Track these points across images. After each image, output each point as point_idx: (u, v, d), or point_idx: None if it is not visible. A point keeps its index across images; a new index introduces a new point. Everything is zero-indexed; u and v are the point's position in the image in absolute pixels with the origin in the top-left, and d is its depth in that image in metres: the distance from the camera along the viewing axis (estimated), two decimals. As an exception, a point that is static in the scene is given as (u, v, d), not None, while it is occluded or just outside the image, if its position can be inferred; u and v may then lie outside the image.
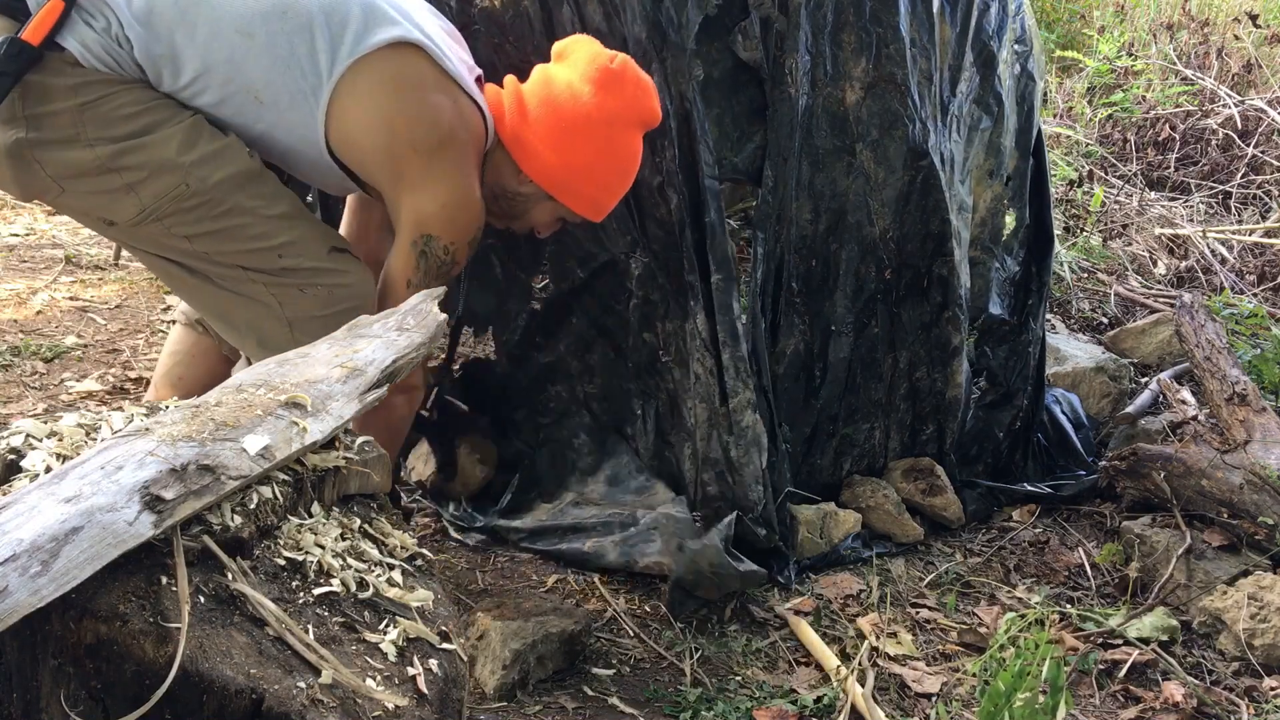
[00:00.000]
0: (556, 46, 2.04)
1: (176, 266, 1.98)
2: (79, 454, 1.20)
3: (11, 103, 1.76)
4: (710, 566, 2.15)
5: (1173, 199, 4.77)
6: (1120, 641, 2.17)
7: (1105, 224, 4.45)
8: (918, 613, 2.26)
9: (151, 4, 1.79)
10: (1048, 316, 3.18)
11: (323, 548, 1.35)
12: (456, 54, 1.99)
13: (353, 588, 1.33)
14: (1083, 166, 4.79)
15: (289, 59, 1.83)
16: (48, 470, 1.21)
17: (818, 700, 1.95)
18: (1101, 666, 2.10)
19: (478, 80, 2.03)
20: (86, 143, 1.80)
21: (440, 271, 1.97)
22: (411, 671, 1.29)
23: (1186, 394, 2.99)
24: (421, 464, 2.57)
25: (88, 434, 1.33)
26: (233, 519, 1.23)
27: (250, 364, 1.89)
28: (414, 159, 1.89)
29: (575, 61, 1.99)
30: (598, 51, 1.99)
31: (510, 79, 2.06)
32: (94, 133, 1.79)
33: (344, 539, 1.41)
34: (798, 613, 2.21)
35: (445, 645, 1.37)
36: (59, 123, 1.78)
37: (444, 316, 1.67)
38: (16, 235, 4.12)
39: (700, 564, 2.16)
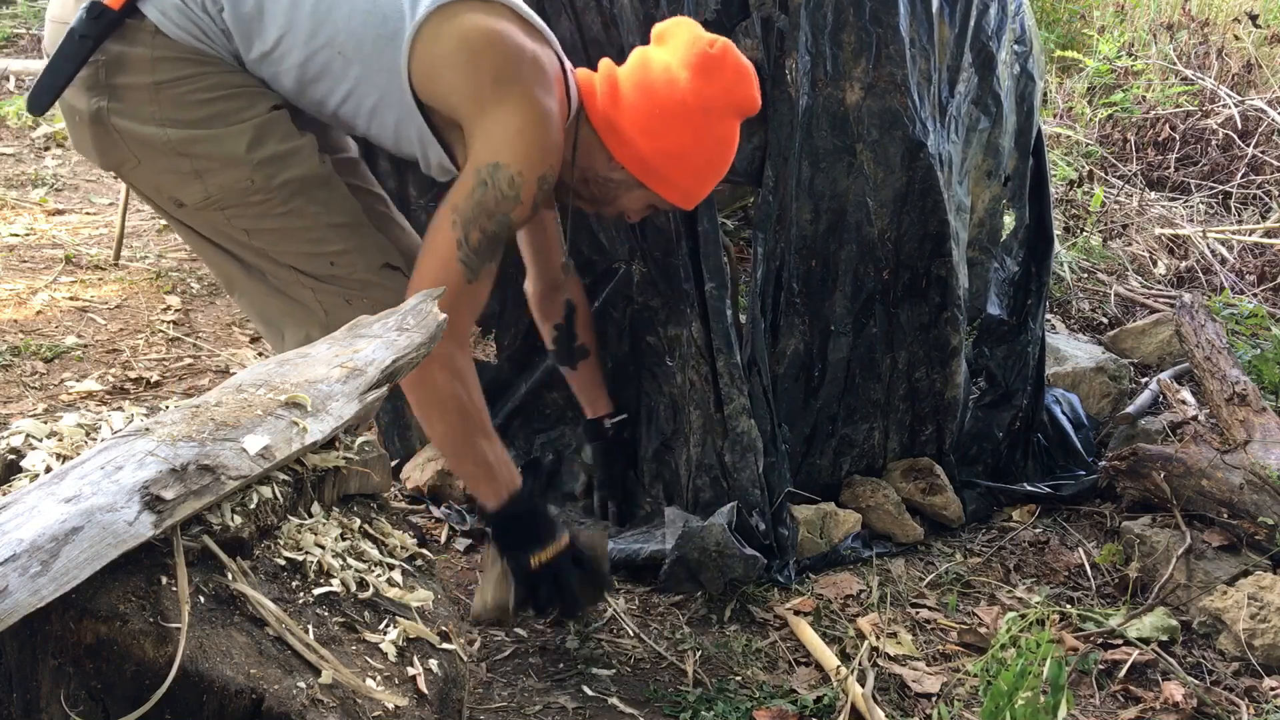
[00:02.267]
0: (656, 29, 2.00)
1: (233, 262, 2.01)
2: (79, 454, 1.20)
3: (95, 70, 1.80)
4: (716, 545, 2.17)
5: (1173, 199, 4.77)
6: (1120, 641, 2.17)
7: (1105, 224, 4.45)
8: (918, 613, 2.26)
9: None
10: (1048, 316, 3.18)
11: (323, 548, 1.35)
12: (548, 32, 1.97)
13: (353, 588, 1.34)
14: (1083, 166, 4.79)
15: (370, 7, 1.82)
16: (48, 470, 1.21)
17: (818, 700, 1.95)
18: (1101, 666, 2.10)
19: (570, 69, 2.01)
20: (159, 123, 1.82)
21: (498, 207, 1.83)
22: (411, 671, 1.29)
23: (1186, 394, 2.99)
24: (418, 472, 2.57)
25: (88, 434, 1.33)
26: (233, 519, 1.23)
27: None
28: (492, 86, 1.83)
29: (675, 46, 1.94)
30: (698, 35, 1.93)
31: (606, 61, 2.02)
32: (168, 114, 1.82)
33: (344, 539, 1.41)
34: (798, 613, 2.21)
35: (445, 645, 1.37)
36: (137, 97, 1.81)
37: (444, 316, 1.66)
38: (16, 235, 4.12)
39: (706, 542, 2.17)
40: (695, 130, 1.94)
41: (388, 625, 1.33)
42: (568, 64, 2.00)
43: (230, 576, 1.19)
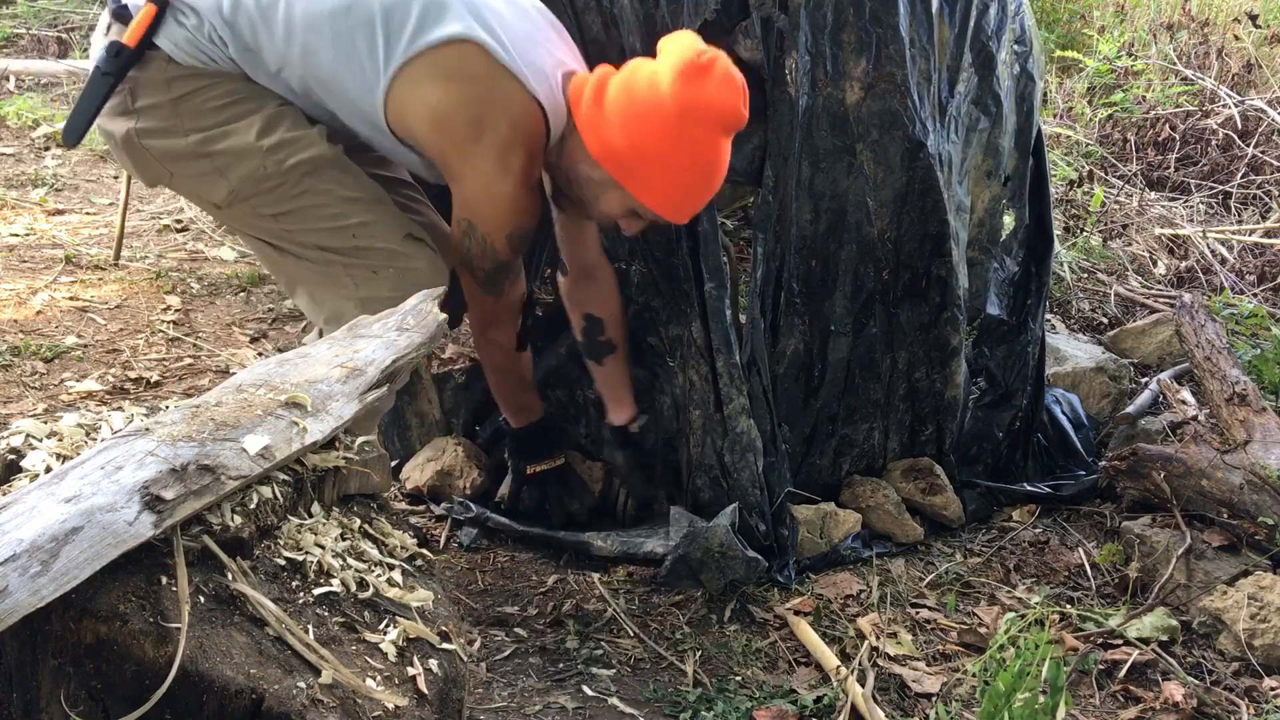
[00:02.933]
0: (660, 43, 2.01)
1: (270, 248, 2.14)
2: (79, 454, 1.20)
3: (123, 98, 1.98)
4: (719, 546, 2.19)
5: (1173, 199, 4.77)
6: (1120, 641, 2.17)
7: (1105, 224, 4.45)
8: (918, 613, 2.26)
9: (236, 6, 1.94)
10: (1048, 316, 3.18)
11: (323, 548, 1.35)
12: (537, 48, 2.00)
13: (353, 588, 1.34)
14: (1083, 166, 4.78)
15: (351, 54, 1.94)
16: (48, 470, 1.21)
17: (818, 700, 1.95)
18: (1101, 666, 2.10)
19: (567, 75, 2.04)
20: (182, 132, 1.99)
21: (483, 254, 2.06)
22: (411, 671, 1.29)
23: (1186, 394, 2.99)
24: (418, 472, 2.57)
25: (88, 434, 1.33)
26: (233, 519, 1.23)
27: None
28: (454, 149, 1.97)
29: (668, 53, 1.96)
30: (692, 44, 1.95)
31: (603, 66, 2.04)
32: (188, 123, 1.99)
33: (344, 539, 1.41)
34: (798, 613, 2.21)
35: (445, 645, 1.37)
36: (159, 114, 1.99)
37: (444, 317, 1.67)
38: (16, 235, 4.12)
39: (710, 543, 2.19)
40: (671, 132, 1.93)
41: (388, 625, 1.33)
42: (555, 77, 2.01)
43: (230, 576, 1.19)
